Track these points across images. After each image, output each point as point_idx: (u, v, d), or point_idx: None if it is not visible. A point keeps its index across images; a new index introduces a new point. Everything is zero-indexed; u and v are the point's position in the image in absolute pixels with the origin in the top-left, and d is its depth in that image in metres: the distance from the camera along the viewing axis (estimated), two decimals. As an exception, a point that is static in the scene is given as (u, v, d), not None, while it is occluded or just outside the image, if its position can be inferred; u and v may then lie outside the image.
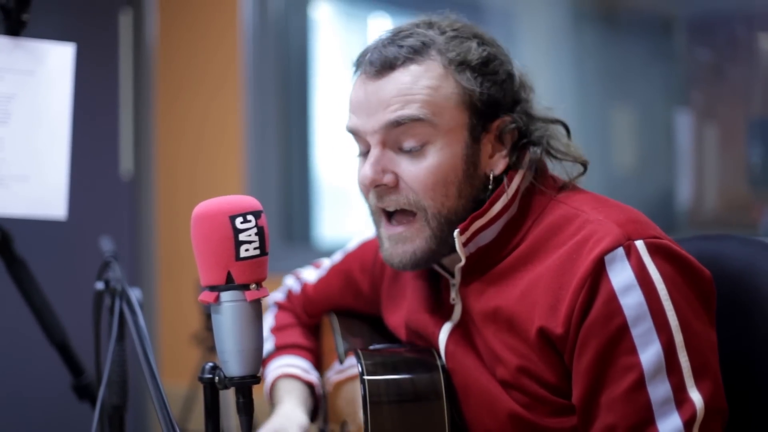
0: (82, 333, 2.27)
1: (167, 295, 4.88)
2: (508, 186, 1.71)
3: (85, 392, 2.47)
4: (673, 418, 1.53)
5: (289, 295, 2.21)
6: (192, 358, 4.10)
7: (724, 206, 3.63)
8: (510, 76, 1.75)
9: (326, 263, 2.16)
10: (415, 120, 1.69)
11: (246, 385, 1.35)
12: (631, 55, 3.90)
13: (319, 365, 2.16)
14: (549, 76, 3.94)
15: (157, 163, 4.91)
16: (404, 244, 1.74)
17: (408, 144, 1.70)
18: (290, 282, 2.22)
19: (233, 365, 1.35)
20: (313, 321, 2.19)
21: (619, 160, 3.78)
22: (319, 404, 2.11)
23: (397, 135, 1.70)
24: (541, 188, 1.74)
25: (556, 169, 1.78)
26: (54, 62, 2.25)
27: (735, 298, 1.70)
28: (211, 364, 1.37)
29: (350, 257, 2.10)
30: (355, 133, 1.76)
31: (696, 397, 1.54)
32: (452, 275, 1.79)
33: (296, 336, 2.17)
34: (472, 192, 1.73)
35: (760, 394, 1.71)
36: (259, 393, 1.40)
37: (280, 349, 2.15)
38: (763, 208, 3.49)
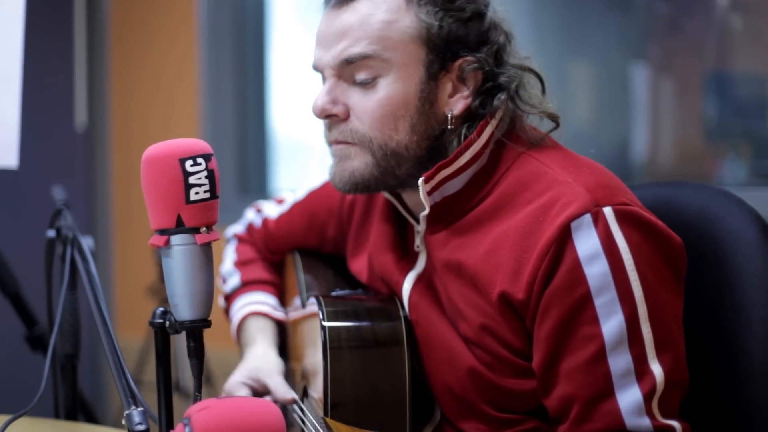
0: (35, 283, 2.25)
1: (123, 249, 4.85)
2: (479, 135, 1.69)
3: (38, 343, 2.47)
4: (633, 391, 1.53)
5: (250, 228, 2.19)
6: (147, 311, 4.00)
7: (680, 159, 3.63)
8: (479, 15, 1.71)
9: (289, 199, 2.14)
10: (364, 57, 1.67)
11: (197, 328, 1.34)
12: (589, 8, 3.89)
13: (282, 300, 2.15)
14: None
15: (112, 116, 4.87)
16: (344, 161, 1.73)
17: (360, 76, 1.69)
18: (251, 215, 2.20)
19: (184, 309, 1.34)
20: (274, 257, 2.18)
21: (577, 113, 3.78)
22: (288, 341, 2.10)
23: (351, 69, 1.70)
24: (513, 141, 1.71)
25: (534, 121, 1.74)
26: (3, 10, 2.22)
27: (689, 244, 1.70)
28: (161, 309, 1.36)
29: (314, 196, 2.08)
30: (316, 68, 1.75)
31: (657, 369, 1.54)
32: (418, 221, 1.78)
33: (261, 271, 2.16)
34: (428, 130, 1.71)
35: (713, 338, 1.72)
36: (209, 336, 1.39)
37: (246, 285, 2.13)
38: (718, 160, 3.50)
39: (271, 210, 2.16)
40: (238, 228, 2.22)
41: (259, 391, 1.93)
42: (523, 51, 1.76)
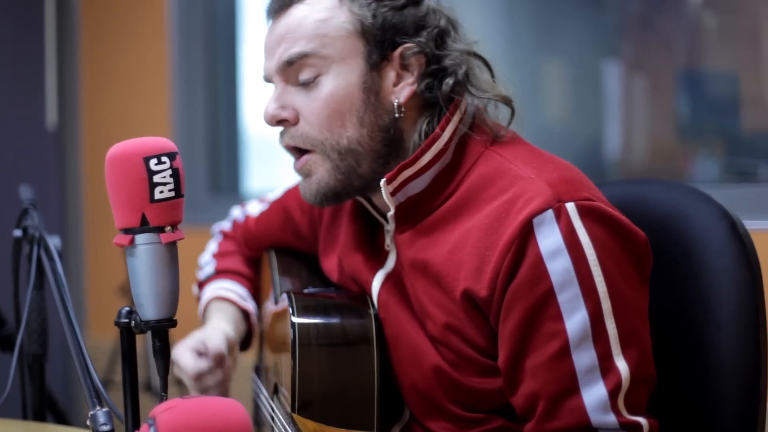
0: (2, 282, 2.24)
1: (94, 248, 4.83)
2: (442, 131, 1.68)
3: (7, 343, 2.46)
4: (598, 387, 1.52)
5: (235, 224, 2.23)
6: (119, 310, 4.04)
7: (653, 156, 3.64)
8: (414, 2, 1.73)
9: (270, 197, 2.16)
10: (303, 56, 1.69)
11: (162, 328, 1.34)
12: (561, 6, 3.89)
13: (258, 297, 2.16)
14: (479, 28, 3.92)
15: (83, 114, 4.85)
16: (308, 177, 1.74)
17: (302, 76, 1.71)
18: (236, 212, 2.23)
19: (149, 309, 1.33)
20: (253, 254, 2.20)
21: (550, 112, 3.78)
22: (253, 333, 2.11)
23: (294, 71, 1.71)
24: (476, 137, 1.71)
25: (491, 112, 1.75)
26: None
27: (658, 241, 1.71)
28: (127, 308, 1.35)
29: (289, 194, 2.10)
30: (267, 80, 1.78)
31: (622, 365, 1.53)
32: (387, 221, 1.78)
33: (237, 263, 2.18)
34: (378, 121, 1.71)
35: (681, 334, 1.73)
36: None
37: (219, 273, 2.16)
38: (691, 158, 3.51)
39: (254, 208, 2.19)
40: (224, 224, 2.26)
41: (202, 351, 1.94)
42: (470, 36, 1.77)
